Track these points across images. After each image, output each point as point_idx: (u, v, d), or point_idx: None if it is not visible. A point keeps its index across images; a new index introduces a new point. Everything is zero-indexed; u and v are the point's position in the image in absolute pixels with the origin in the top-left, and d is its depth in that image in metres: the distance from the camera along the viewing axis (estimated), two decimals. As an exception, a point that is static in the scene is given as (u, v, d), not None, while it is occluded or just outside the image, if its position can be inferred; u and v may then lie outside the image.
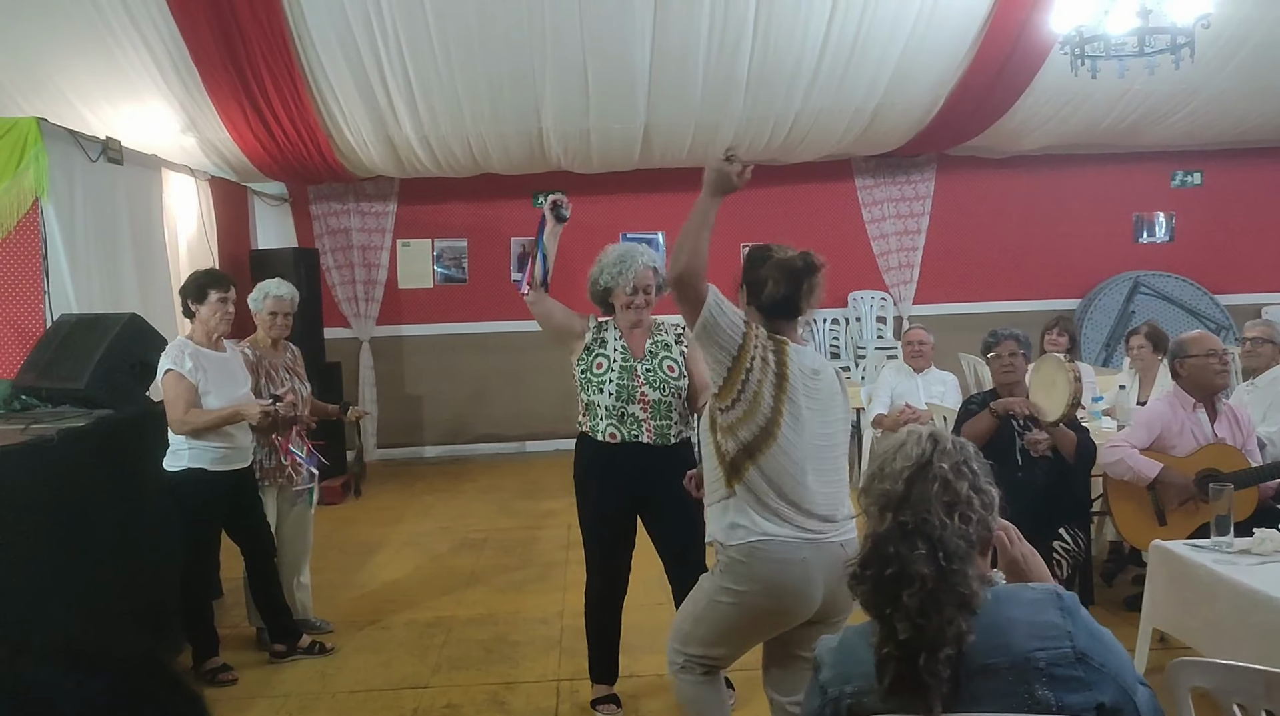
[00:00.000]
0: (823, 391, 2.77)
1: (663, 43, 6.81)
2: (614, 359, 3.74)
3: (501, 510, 7.44)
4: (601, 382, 3.72)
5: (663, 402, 3.69)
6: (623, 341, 3.78)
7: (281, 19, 6.30)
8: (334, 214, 9.50)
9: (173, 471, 4.19)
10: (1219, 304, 9.61)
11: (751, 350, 2.68)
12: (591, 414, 3.76)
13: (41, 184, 5.13)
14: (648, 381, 3.70)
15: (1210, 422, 4.13)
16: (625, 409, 3.68)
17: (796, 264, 2.76)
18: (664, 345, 3.79)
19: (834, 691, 1.58)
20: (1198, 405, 4.14)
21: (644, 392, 3.69)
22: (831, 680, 1.60)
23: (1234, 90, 7.88)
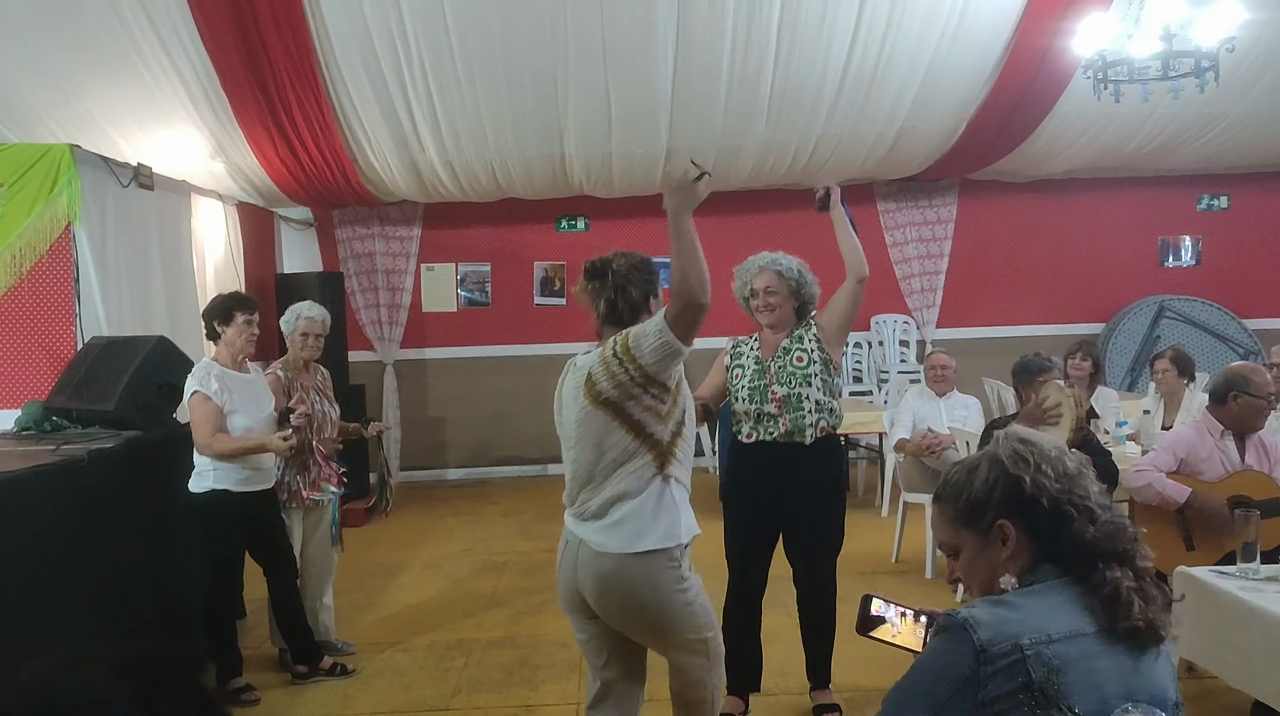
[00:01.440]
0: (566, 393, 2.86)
1: (685, 66, 6.85)
2: (747, 366, 3.91)
3: (523, 533, 7.45)
4: (737, 390, 3.90)
5: (792, 396, 3.80)
6: (757, 347, 3.95)
7: (309, 47, 6.39)
8: (359, 238, 9.58)
9: (198, 492, 4.23)
10: (1246, 328, 9.52)
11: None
12: (735, 419, 3.93)
13: (74, 209, 5.21)
14: (777, 378, 3.82)
15: (1238, 450, 4.09)
16: (761, 409, 3.82)
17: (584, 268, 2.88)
18: (798, 338, 3.91)
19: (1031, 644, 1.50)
20: (1226, 432, 4.10)
21: (774, 390, 3.81)
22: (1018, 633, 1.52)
23: (1260, 113, 7.84)
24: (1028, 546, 1.62)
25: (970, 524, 1.66)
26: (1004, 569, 1.63)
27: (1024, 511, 1.61)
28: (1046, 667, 1.47)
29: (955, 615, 1.56)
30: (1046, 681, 1.46)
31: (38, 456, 3.96)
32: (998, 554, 1.63)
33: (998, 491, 1.63)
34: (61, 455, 3.97)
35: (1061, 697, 1.46)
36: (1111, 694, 1.50)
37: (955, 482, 1.70)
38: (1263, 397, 4.06)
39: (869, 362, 9.71)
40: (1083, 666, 1.49)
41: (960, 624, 1.53)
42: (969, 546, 1.67)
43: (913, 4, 6.49)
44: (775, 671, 4.29)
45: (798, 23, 6.56)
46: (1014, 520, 1.62)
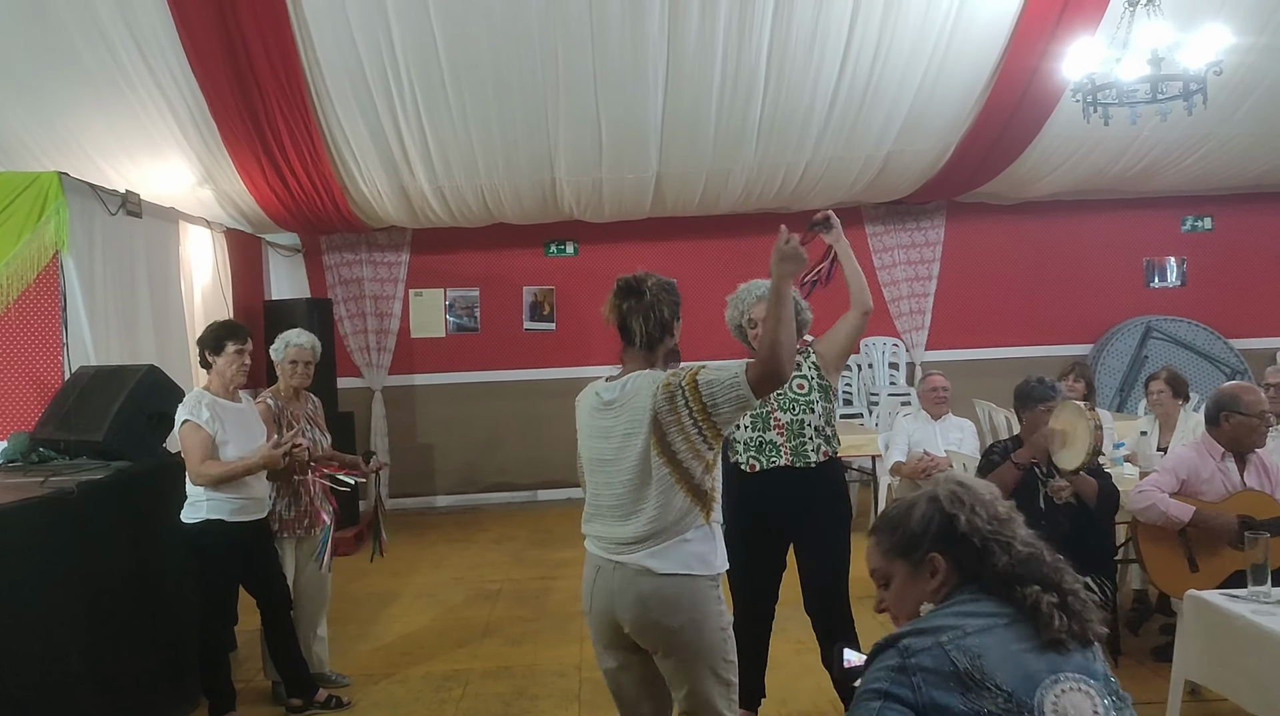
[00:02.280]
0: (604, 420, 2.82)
1: (676, 92, 6.87)
2: None
3: (515, 560, 7.38)
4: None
5: (794, 422, 3.79)
6: None
7: (299, 74, 6.37)
8: (347, 264, 9.54)
9: (191, 523, 4.16)
10: (1233, 348, 9.57)
11: None
12: (733, 450, 3.87)
13: (62, 237, 5.16)
14: (779, 405, 3.80)
15: (1239, 471, 4.09)
16: (763, 437, 3.79)
17: (615, 286, 2.86)
18: (795, 365, 3.82)
19: (950, 639, 1.65)
20: (1226, 454, 4.09)
21: (777, 417, 3.79)
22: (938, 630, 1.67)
23: (1245, 135, 7.91)
24: (953, 577, 1.76)
25: (904, 555, 1.80)
26: (929, 598, 1.78)
27: (954, 546, 1.76)
28: (967, 655, 1.61)
29: (882, 639, 1.71)
30: (971, 665, 1.60)
31: (26, 488, 3.89)
32: (925, 584, 1.78)
33: (933, 527, 1.78)
34: (50, 487, 3.90)
35: (988, 677, 1.59)
36: (1038, 670, 1.62)
37: (894, 517, 1.85)
38: (1254, 415, 4.05)
39: (859, 385, 9.71)
40: (1003, 650, 1.63)
41: (885, 641, 1.70)
42: (900, 576, 1.81)
43: (901, 29, 6.53)
44: (777, 699, 4.25)
45: (787, 49, 6.59)
46: (945, 554, 1.76)
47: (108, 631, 3.95)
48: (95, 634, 3.87)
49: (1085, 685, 1.62)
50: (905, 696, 1.61)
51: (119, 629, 4.03)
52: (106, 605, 3.96)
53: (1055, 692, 1.60)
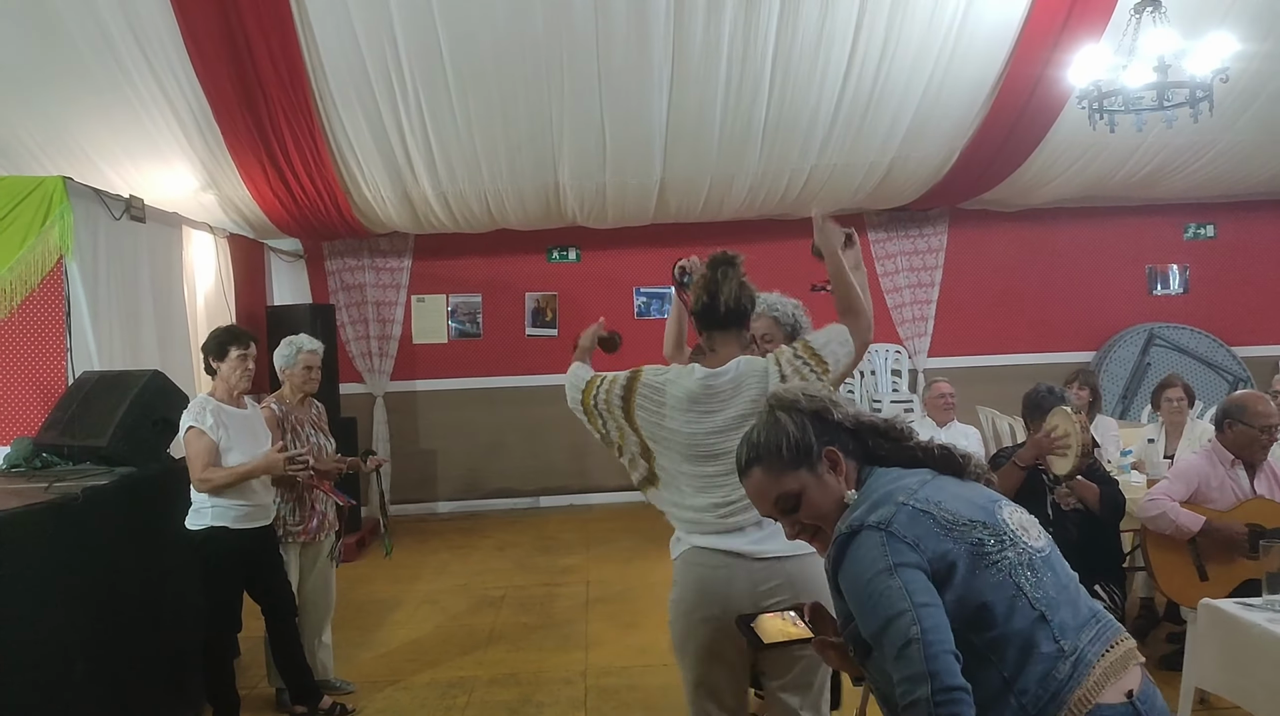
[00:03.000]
0: (709, 409, 2.68)
1: (680, 98, 6.86)
2: None
3: (518, 567, 7.36)
4: None
5: None
6: None
7: (304, 79, 6.36)
8: (349, 270, 9.53)
9: (195, 530, 4.15)
10: (1235, 356, 9.57)
11: (590, 401, 2.80)
12: None
13: (66, 242, 5.14)
14: None
15: (1249, 479, 4.08)
16: None
17: (710, 259, 2.84)
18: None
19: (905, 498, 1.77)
20: (1236, 461, 4.08)
21: None
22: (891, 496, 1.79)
23: (1249, 142, 7.91)
24: (853, 467, 1.89)
25: (801, 463, 1.86)
26: (843, 487, 1.86)
27: (835, 435, 1.89)
28: (930, 504, 1.73)
29: (835, 537, 1.78)
30: (938, 511, 1.72)
31: (30, 494, 3.86)
32: (833, 480, 1.86)
33: (809, 428, 1.88)
34: (55, 493, 3.88)
35: (957, 515, 1.72)
36: (984, 500, 1.79)
37: (767, 441, 1.89)
38: (1257, 427, 4.03)
39: (861, 392, 9.69)
40: (949, 494, 1.77)
41: (845, 532, 1.75)
42: (808, 484, 1.86)
43: (906, 35, 6.52)
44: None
45: (792, 54, 6.58)
46: (835, 445, 1.88)
47: (111, 637, 3.93)
48: (99, 639, 3.85)
49: (1016, 508, 1.81)
50: (911, 558, 1.67)
51: (123, 635, 4.00)
52: (110, 611, 3.94)
53: (1007, 515, 1.76)
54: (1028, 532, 1.75)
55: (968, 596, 1.66)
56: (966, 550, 1.68)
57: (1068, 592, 1.74)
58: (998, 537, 1.70)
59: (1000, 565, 1.68)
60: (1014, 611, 1.66)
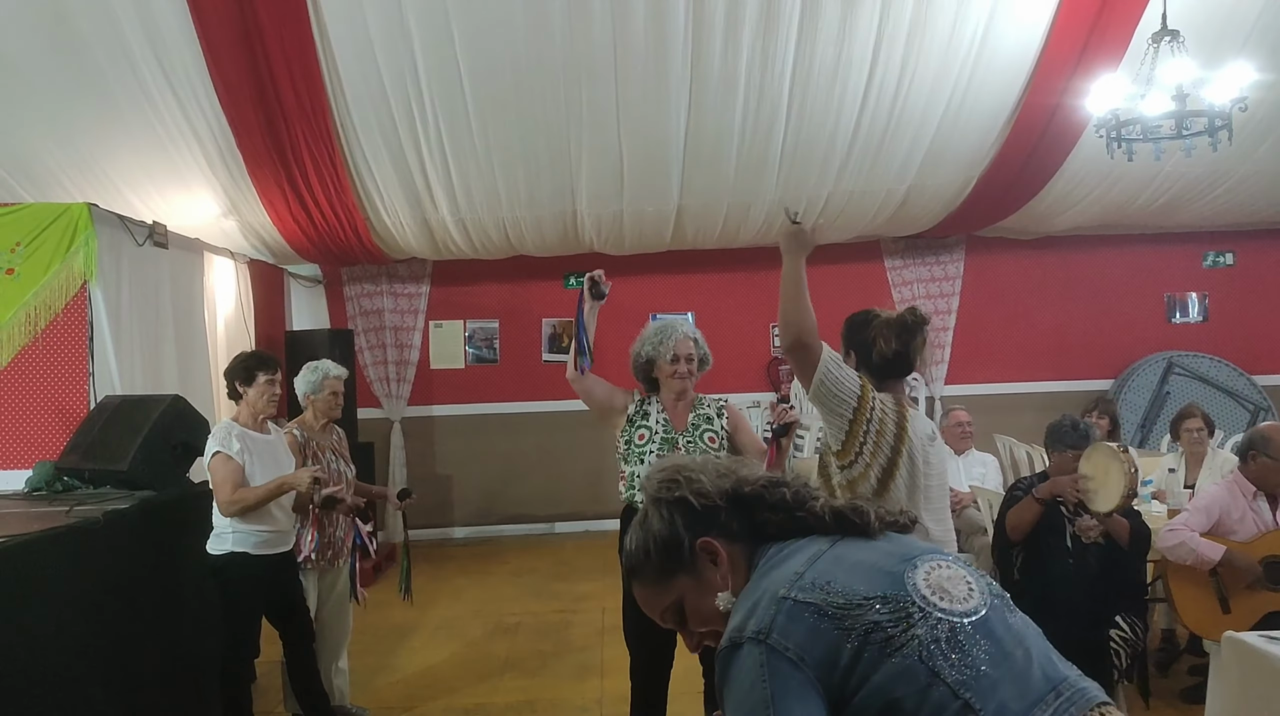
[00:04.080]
0: (935, 457, 2.85)
1: (697, 126, 6.89)
2: (655, 431, 3.82)
3: (534, 593, 7.34)
4: (643, 454, 3.79)
5: None
6: (665, 414, 3.87)
7: (325, 106, 6.43)
8: (367, 295, 9.59)
9: (216, 554, 4.16)
10: (1256, 384, 9.51)
11: (868, 411, 2.74)
12: (630, 485, 3.80)
13: (90, 267, 5.20)
14: (687, 451, 3.76)
15: (1271, 510, 4.05)
16: None
17: (906, 320, 2.84)
18: (706, 418, 3.87)
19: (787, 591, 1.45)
20: (1258, 493, 4.06)
21: None
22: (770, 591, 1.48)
23: (1268, 171, 7.89)
24: (740, 552, 1.58)
25: (675, 567, 1.60)
26: (724, 585, 1.57)
27: (709, 522, 1.59)
28: (815, 589, 1.42)
29: (717, 652, 1.49)
30: (826, 595, 1.41)
31: (52, 518, 3.90)
32: (714, 574, 1.58)
33: (676, 522, 1.60)
34: (76, 517, 3.91)
35: (850, 594, 1.41)
36: (890, 564, 1.46)
37: (637, 548, 1.64)
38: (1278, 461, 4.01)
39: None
40: (844, 567, 1.46)
41: (725, 647, 1.46)
42: (688, 590, 1.60)
43: (924, 63, 6.55)
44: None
45: (810, 81, 6.61)
46: (710, 534, 1.58)
47: (129, 660, 3.94)
48: (117, 663, 3.86)
49: (942, 560, 1.48)
50: (793, 681, 1.37)
51: (141, 658, 4.02)
52: (129, 634, 3.95)
53: (922, 575, 1.44)
54: (949, 595, 1.42)
55: (871, 697, 1.35)
56: (861, 638, 1.37)
57: (1011, 664, 1.39)
58: (901, 614, 1.38)
59: (906, 648, 1.36)
60: (928, 703, 1.34)
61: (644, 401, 3.92)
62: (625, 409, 3.91)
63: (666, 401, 3.88)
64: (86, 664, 3.69)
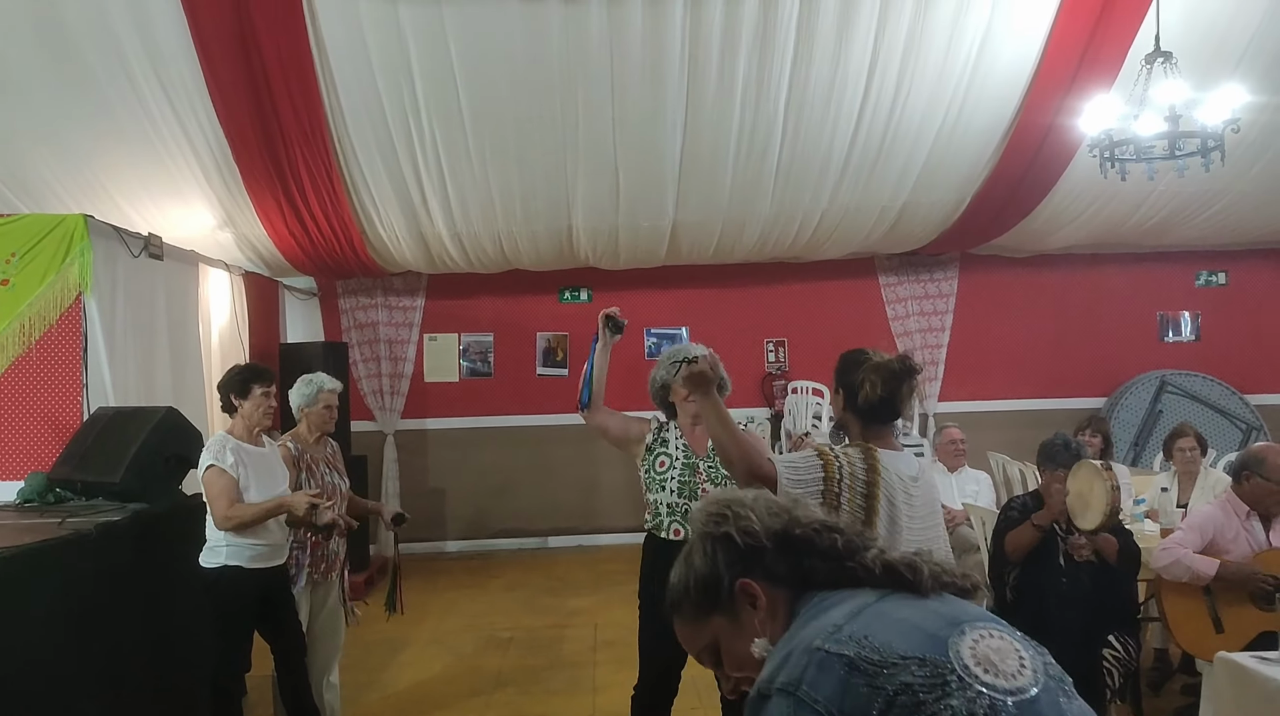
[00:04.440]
0: (919, 496, 2.79)
1: (693, 143, 6.92)
2: (675, 457, 3.83)
3: (527, 608, 7.32)
4: (664, 480, 3.79)
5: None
6: (684, 439, 3.87)
7: (322, 120, 6.44)
8: (362, 308, 9.59)
9: (209, 568, 4.15)
10: (1248, 403, 9.54)
11: (835, 473, 2.71)
12: (655, 512, 3.81)
13: (85, 279, 5.19)
14: (709, 477, 3.77)
15: (1265, 530, 4.05)
16: (688, 505, 3.72)
17: (894, 367, 2.79)
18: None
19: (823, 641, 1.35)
20: (1251, 513, 4.07)
21: (705, 489, 3.74)
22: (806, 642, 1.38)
23: (1261, 191, 7.94)
24: (782, 598, 1.49)
25: (712, 606, 1.52)
26: (769, 629, 1.47)
27: (752, 563, 1.50)
28: (852, 642, 1.32)
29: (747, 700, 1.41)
30: (861, 649, 1.30)
31: (44, 530, 3.86)
32: (752, 618, 1.49)
33: (719, 559, 1.52)
34: (68, 528, 3.88)
35: (887, 652, 1.29)
36: (937, 626, 1.34)
37: (678, 582, 1.58)
38: (1275, 482, 4.01)
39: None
40: (888, 622, 1.35)
41: (754, 697, 1.38)
42: (723, 632, 1.52)
43: (919, 81, 6.59)
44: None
45: (804, 100, 6.65)
46: (751, 575, 1.49)
47: (120, 674, 3.91)
48: (107, 676, 3.83)
49: (995, 630, 1.35)
50: None
51: (132, 671, 3.99)
52: (120, 648, 3.92)
53: (968, 643, 1.31)
54: (996, 669, 1.28)
55: None
56: (889, 699, 1.26)
57: None
58: (937, 680, 1.26)
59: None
60: None
61: (662, 427, 3.92)
62: (643, 438, 3.91)
63: (684, 426, 3.88)
64: (77, 677, 3.66)
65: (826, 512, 2.64)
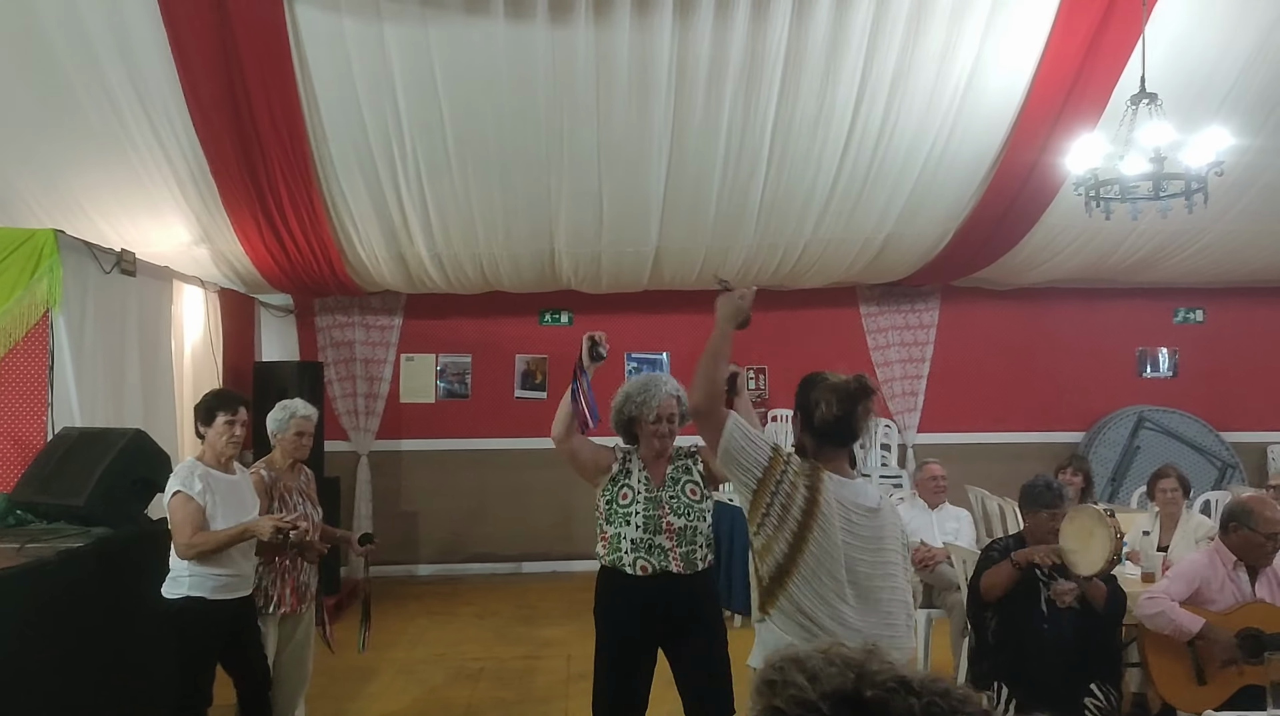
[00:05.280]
0: (871, 529, 2.69)
1: (678, 170, 6.88)
2: (638, 490, 3.74)
3: (498, 637, 7.20)
4: (628, 514, 3.70)
5: (688, 528, 3.69)
6: (645, 472, 3.79)
7: (303, 139, 6.36)
8: (338, 326, 9.47)
9: (172, 598, 4.03)
10: (1224, 441, 9.56)
11: (778, 473, 2.65)
12: (615, 547, 3.71)
13: (54, 295, 5.08)
14: (672, 509, 3.70)
15: (1250, 581, 4.01)
16: (652, 540, 3.65)
17: (850, 387, 2.74)
18: (684, 468, 3.81)
19: None
20: (1239, 563, 4.02)
21: (669, 521, 3.67)
22: None
23: (1241, 232, 7.98)
24: None
25: None
26: None
27: None
28: None
29: None
30: None
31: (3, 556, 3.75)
32: None
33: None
34: (28, 555, 3.76)
35: None
36: None
37: None
38: (1263, 533, 3.97)
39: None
40: None
41: None
42: None
43: (905, 115, 6.57)
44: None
45: (791, 131, 6.62)
46: None
47: (77, 704, 3.79)
48: (64, 706, 3.71)
49: None
50: None
51: (90, 702, 3.86)
52: (78, 679, 3.80)
53: None
54: None
55: None
56: None
57: None
58: None
59: None
60: None
61: (626, 457, 3.83)
62: (609, 468, 3.83)
63: (646, 457, 3.81)
64: (36, 706, 3.54)
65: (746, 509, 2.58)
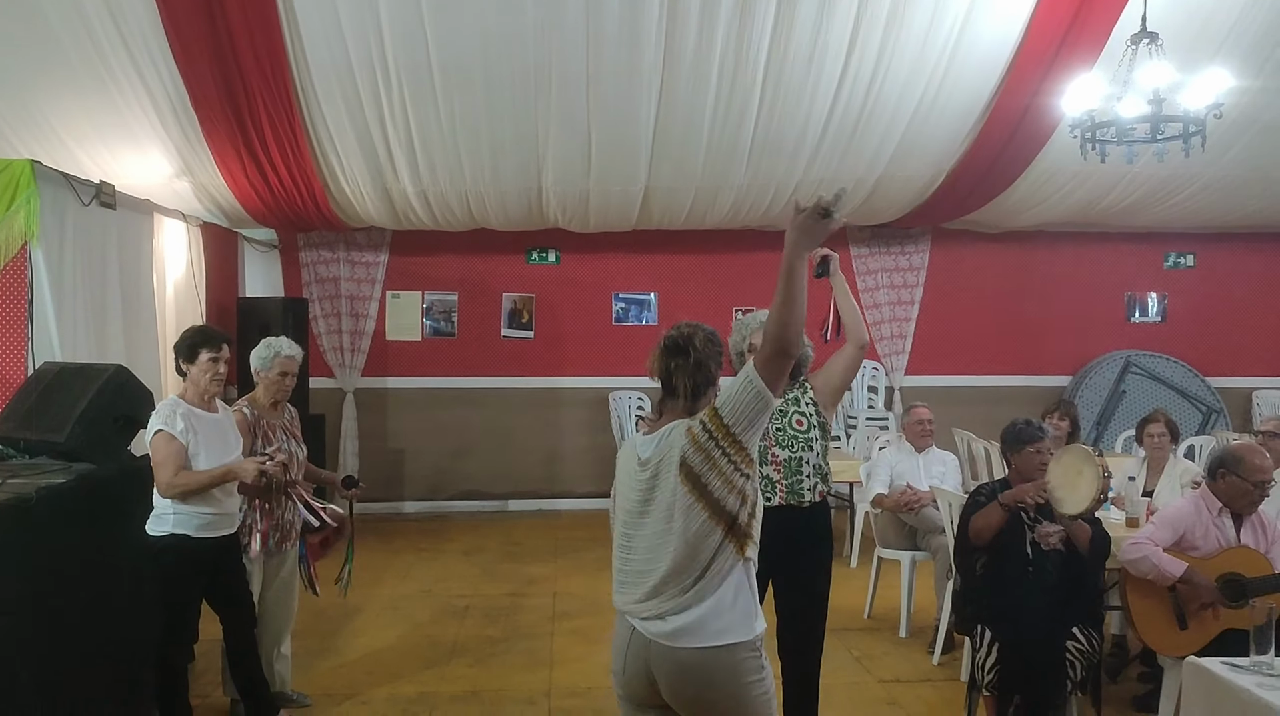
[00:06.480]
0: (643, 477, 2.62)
1: (668, 108, 6.76)
2: (809, 414, 3.77)
3: (484, 574, 7.23)
4: (809, 440, 3.77)
5: (793, 460, 3.71)
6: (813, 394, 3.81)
7: (285, 69, 6.21)
8: (324, 262, 9.37)
9: (156, 536, 4.01)
10: (1209, 386, 9.60)
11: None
12: (792, 474, 3.74)
13: (32, 227, 4.98)
14: (777, 441, 3.71)
15: (1235, 527, 4.03)
16: (760, 471, 3.60)
17: (663, 343, 2.69)
18: (794, 400, 3.78)
19: None
20: (1224, 509, 4.03)
21: (775, 452, 3.69)
22: None
23: (1234, 177, 7.92)
24: None
25: None
26: None
27: None
28: None
29: None
30: None
31: (-19, 491, 3.71)
32: None
33: None
34: (8, 491, 3.72)
35: None
36: None
37: None
38: (1251, 481, 3.97)
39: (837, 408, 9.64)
40: None
41: None
42: None
43: (900, 54, 6.45)
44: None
45: (783, 70, 6.50)
46: None
47: (60, 644, 3.77)
48: (47, 646, 3.70)
49: None
50: None
51: (73, 642, 3.85)
52: (61, 617, 3.78)
53: None
54: None
55: None
56: None
57: None
58: None
59: None
60: None
61: (793, 383, 3.80)
62: None
63: None
64: (15, 645, 3.52)
65: None
